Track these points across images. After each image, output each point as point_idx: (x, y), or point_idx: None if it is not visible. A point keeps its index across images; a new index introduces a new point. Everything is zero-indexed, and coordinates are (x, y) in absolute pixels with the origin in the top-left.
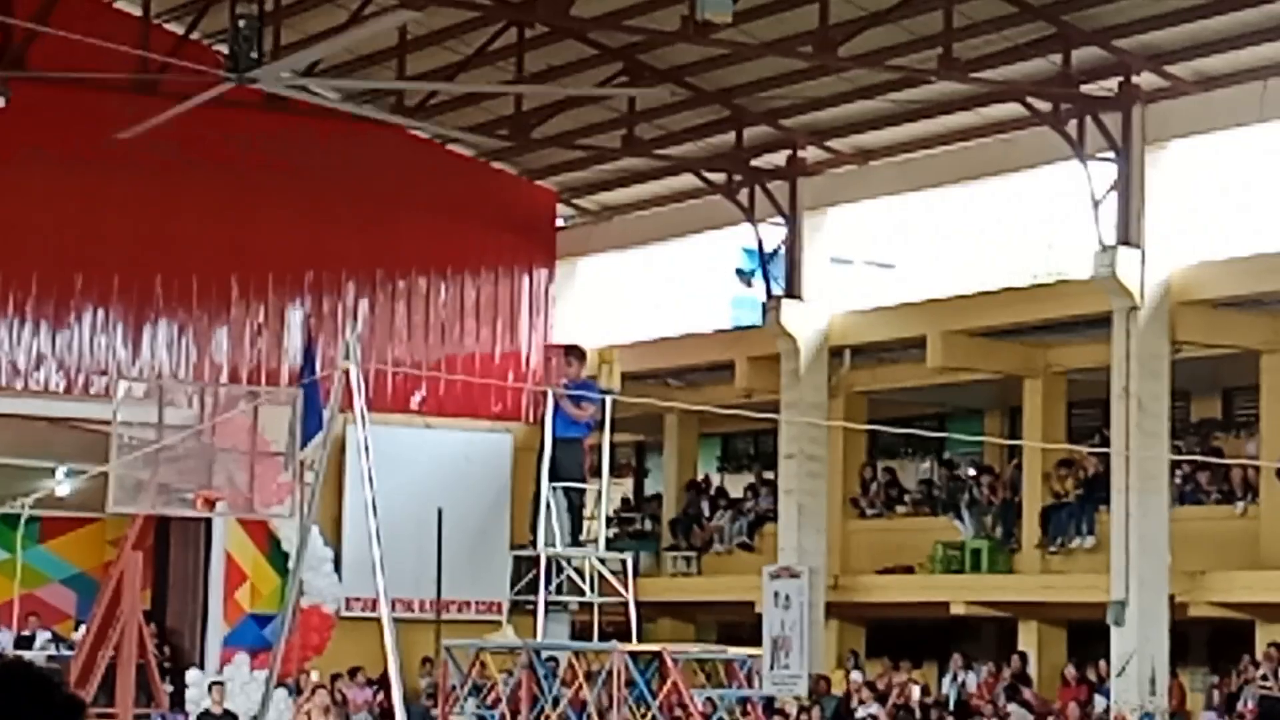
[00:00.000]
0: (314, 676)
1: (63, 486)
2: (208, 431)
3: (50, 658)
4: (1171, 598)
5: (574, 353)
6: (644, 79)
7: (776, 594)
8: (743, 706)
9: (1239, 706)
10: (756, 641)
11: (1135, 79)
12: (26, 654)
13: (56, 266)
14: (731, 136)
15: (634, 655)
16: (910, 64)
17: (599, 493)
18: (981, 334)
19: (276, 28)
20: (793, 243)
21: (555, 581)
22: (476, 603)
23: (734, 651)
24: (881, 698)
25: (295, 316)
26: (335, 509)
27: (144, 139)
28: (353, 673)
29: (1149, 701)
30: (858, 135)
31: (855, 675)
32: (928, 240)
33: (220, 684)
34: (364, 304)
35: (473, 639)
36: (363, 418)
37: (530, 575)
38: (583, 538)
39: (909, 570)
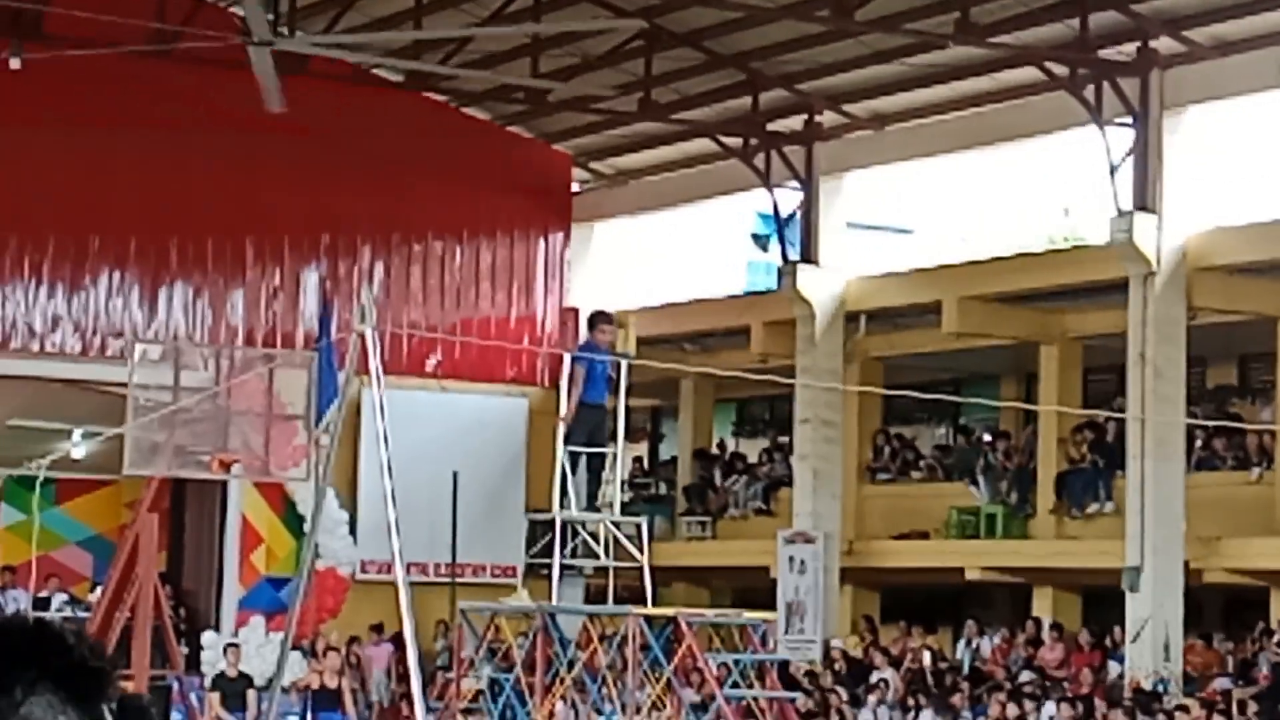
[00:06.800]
0: (330, 637)
1: (79, 449)
2: (223, 394)
3: (66, 619)
4: (1186, 564)
5: (602, 318)
6: (661, 42)
7: (791, 559)
8: (758, 670)
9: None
10: (771, 606)
11: (1153, 44)
12: (44, 615)
13: (72, 229)
14: (748, 101)
15: (649, 619)
16: (927, 28)
17: (614, 457)
18: (997, 299)
19: None
20: (809, 207)
21: (570, 545)
22: (491, 566)
23: (748, 616)
24: (895, 663)
25: (311, 279)
26: (350, 472)
27: (158, 102)
28: (377, 628)
29: (1163, 667)
30: (874, 100)
31: (837, 642)
32: (944, 205)
33: (236, 646)
34: (380, 267)
35: (488, 602)
36: (378, 381)
37: (545, 539)
38: (598, 502)
39: (924, 536)
